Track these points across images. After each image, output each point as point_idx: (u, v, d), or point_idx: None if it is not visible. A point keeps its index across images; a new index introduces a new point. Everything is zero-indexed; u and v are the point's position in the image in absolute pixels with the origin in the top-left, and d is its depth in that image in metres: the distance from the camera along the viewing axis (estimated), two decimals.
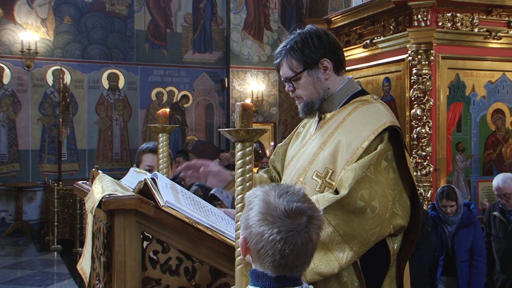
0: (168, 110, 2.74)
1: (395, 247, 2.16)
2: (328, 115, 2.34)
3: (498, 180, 5.00)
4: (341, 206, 2.01)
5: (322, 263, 1.97)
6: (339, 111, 2.31)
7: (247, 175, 1.73)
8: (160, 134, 2.66)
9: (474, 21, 5.79)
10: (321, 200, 2.02)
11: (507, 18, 5.90)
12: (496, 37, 5.84)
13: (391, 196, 2.09)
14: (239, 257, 1.70)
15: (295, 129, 2.61)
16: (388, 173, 2.12)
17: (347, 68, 7.39)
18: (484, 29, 5.81)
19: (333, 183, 2.14)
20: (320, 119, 2.38)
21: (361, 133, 2.14)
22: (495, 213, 5.05)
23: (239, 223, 1.69)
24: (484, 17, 5.82)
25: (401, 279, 2.24)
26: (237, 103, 1.74)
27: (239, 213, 1.71)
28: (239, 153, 1.73)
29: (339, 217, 2.00)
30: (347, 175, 2.05)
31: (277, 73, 2.39)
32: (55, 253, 9.44)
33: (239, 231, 1.68)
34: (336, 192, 2.08)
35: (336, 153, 2.16)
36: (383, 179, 2.09)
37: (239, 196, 1.72)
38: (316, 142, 2.30)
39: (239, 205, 1.72)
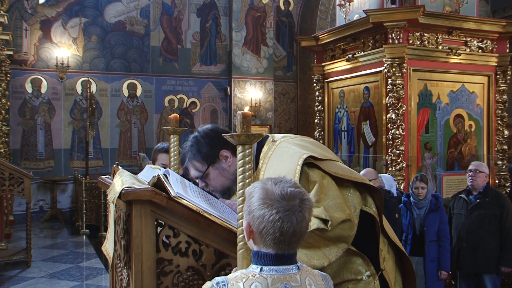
0: (178, 115, 2.71)
1: (374, 209, 2.16)
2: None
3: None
4: (320, 230, 1.96)
5: (314, 257, 1.96)
6: (255, 172, 2.20)
7: (247, 173, 1.72)
8: (172, 136, 2.63)
9: (438, 40, 5.80)
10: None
11: (464, 38, 5.93)
12: (456, 54, 5.85)
13: (343, 197, 2.07)
14: (241, 242, 1.69)
15: None
16: (333, 184, 2.06)
17: (333, 78, 7.35)
18: (447, 47, 5.83)
19: None
20: None
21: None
22: (462, 195, 5.10)
23: (241, 213, 1.67)
24: (446, 37, 5.83)
25: (385, 231, 2.25)
26: (238, 112, 1.72)
27: (241, 205, 1.69)
28: (240, 154, 1.72)
29: (316, 234, 1.96)
30: (316, 213, 1.94)
31: (188, 175, 2.31)
32: (84, 236, 9.45)
33: (241, 220, 1.67)
34: None
35: None
36: (335, 191, 2.04)
37: (240, 191, 1.71)
38: None
39: (240, 198, 1.71)
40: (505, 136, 6.14)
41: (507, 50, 6.17)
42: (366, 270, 2.13)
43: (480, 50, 6.02)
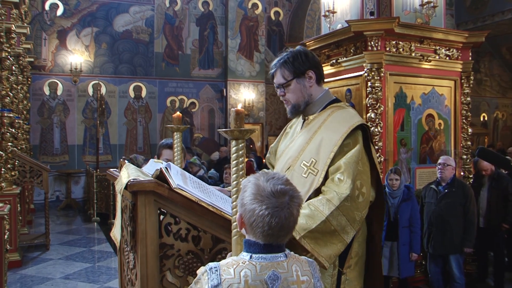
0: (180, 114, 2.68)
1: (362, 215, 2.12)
2: (311, 117, 2.28)
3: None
4: (350, 197, 1.96)
5: (337, 246, 1.93)
6: (320, 113, 2.25)
7: (240, 166, 1.69)
8: (175, 133, 2.60)
9: (412, 48, 5.80)
10: (334, 198, 1.94)
11: (434, 47, 5.93)
12: (427, 60, 5.85)
13: (369, 180, 2.09)
14: (235, 230, 1.67)
15: (283, 130, 2.53)
16: (366, 162, 2.10)
17: None
18: (419, 54, 5.82)
19: (315, 170, 2.06)
20: (304, 120, 2.32)
21: (339, 130, 2.09)
22: (432, 185, 5.12)
23: (235, 203, 1.65)
24: (418, 45, 5.83)
25: (374, 251, 2.20)
26: (232, 109, 1.68)
27: (235, 196, 1.67)
28: (234, 148, 1.69)
29: (346, 206, 1.95)
30: (343, 169, 1.98)
31: (272, 80, 2.31)
32: (95, 223, 9.43)
33: (235, 209, 1.64)
34: (325, 177, 2.02)
35: (319, 147, 2.10)
36: (366, 168, 2.08)
37: (234, 182, 1.68)
38: (303, 138, 2.23)
39: (235, 189, 1.68)
40: (469, 134, 6.18)
41: (470, 58, 6.22)
42: None
43: (447, 58, 6.04)
